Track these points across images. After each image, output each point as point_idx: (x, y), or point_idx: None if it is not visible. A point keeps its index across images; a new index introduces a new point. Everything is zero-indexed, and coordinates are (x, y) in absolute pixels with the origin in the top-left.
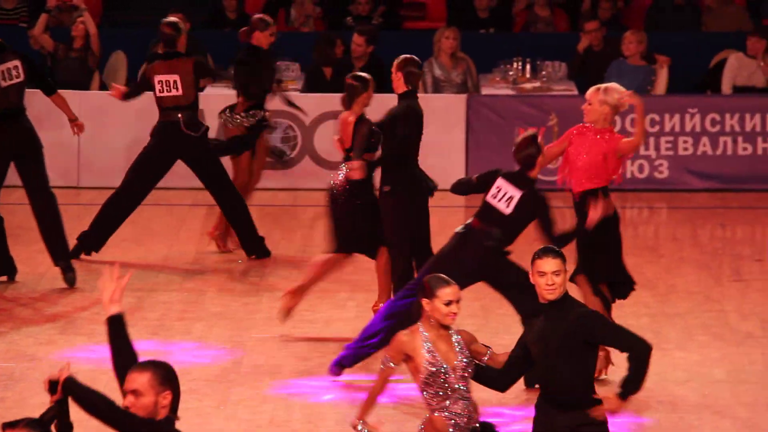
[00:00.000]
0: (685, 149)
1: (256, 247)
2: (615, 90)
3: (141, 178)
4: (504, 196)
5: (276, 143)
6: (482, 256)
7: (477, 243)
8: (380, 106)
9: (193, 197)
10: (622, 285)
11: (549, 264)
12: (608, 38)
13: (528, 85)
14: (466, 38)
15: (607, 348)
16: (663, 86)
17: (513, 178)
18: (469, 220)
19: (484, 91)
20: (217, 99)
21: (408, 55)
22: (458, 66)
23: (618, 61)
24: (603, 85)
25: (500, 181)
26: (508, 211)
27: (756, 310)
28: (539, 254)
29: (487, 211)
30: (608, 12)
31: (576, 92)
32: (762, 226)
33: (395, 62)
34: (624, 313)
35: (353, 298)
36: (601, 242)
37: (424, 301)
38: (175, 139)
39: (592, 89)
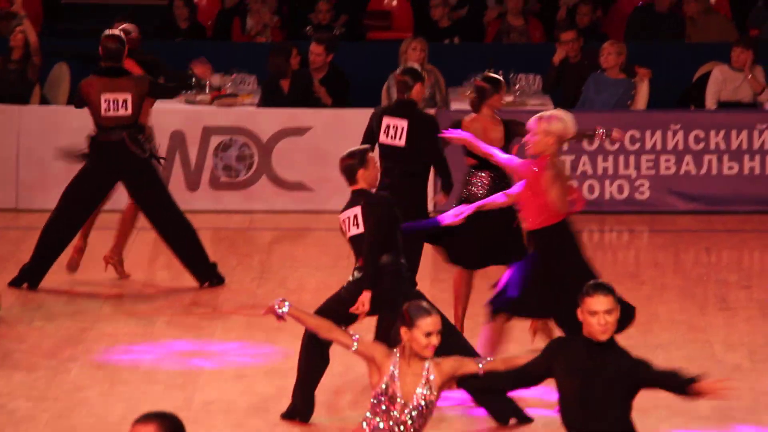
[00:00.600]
0: (668, 168)
1: (208, 274)
2: (559, 119)
3: (79, 202)
4: (353, 219)
5: (231, 162)
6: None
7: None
8: (340, 121)
9: (142, 221)
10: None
11: (601, 303)
12: (586, 49)
13: None
14: (434, 49)
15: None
16: (644, 101)
17: (351, 199)
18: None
19: (454, 105)
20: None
21: None
22: (426, 79)
23: (596, 74)
24: (546, 113)
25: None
26: (356, 231)
27: (744, 340)
28: (589, 292)
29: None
30: (586, 19)
31: (552, 106)
32: (749, 251)
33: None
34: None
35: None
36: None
37: (403, 330)
38: (118, 160)
39: (533, 118)
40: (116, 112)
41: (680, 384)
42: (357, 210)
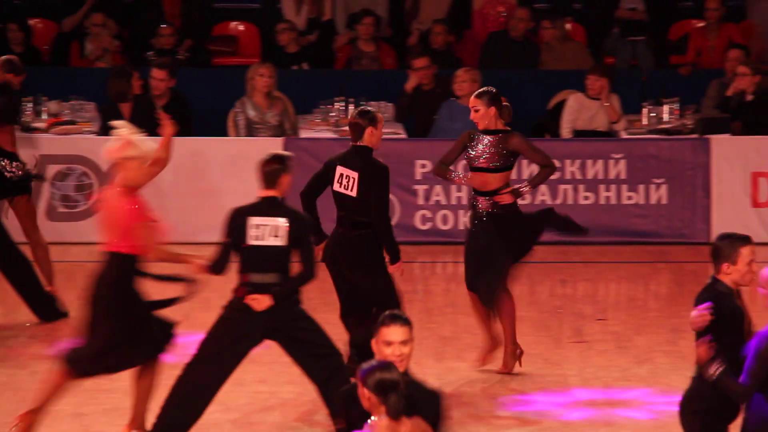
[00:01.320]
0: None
1: (46, 309)
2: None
3: None
4: (272, 231)
5: (69, 192)
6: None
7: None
8: (185, 149)
9: None
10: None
11: (397, 333)
12: (439, 76)
13: None
14: (282, 76)
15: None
16: None
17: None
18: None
19: (303, 133)
20: None
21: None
22: (274, 106)
23: (449, 102)
24: (125, 138)
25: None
26: (280, 243)
27: (598, 374)
28: (386, 322)
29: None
30: (440, 39)
31: (404, 135)
32: (605, 282)
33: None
34: (457, 378)
35: None
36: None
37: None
38: None
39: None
40: None
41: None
42: (281, 221)
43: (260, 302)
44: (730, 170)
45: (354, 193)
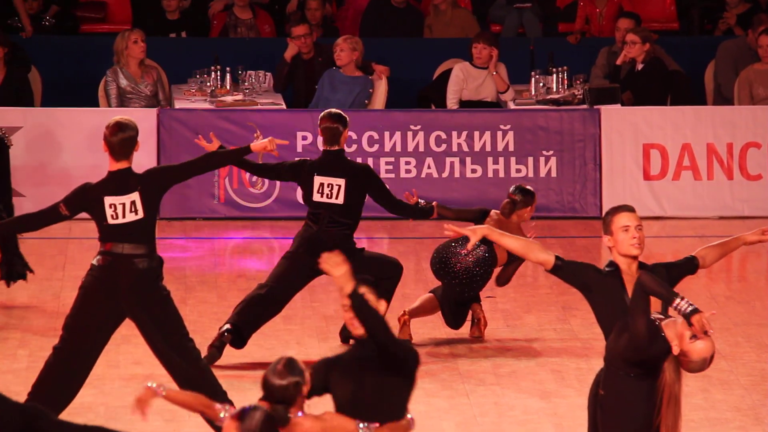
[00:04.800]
0: (408, 171)
1: None
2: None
3: None
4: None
5: None
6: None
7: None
8: (53, 121)
9: None
10: None
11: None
12: (320, 45)
13: (228, 98)
14: (155, 44)
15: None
16: (382, 100)
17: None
18: None
19: (178, 104)
20: None
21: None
22: (147, 75)
23: (330, 71)
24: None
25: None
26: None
27: (486, 352)
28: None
29: None
30: (318, 14)
31: (283, 106)
32: None
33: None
34: None
35: (25, 346)
36: None
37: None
38: None
39: None
40: None
41: None
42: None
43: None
44: (621, 142)
45: (341, 201)
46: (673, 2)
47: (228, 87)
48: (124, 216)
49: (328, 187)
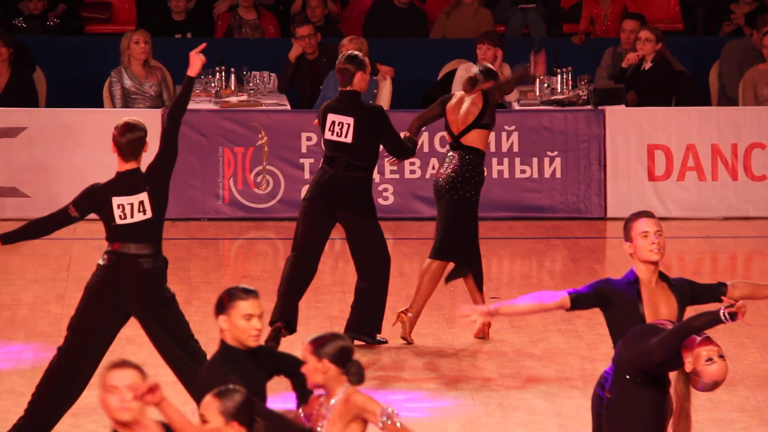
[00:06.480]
0: (413, 172)
1: None
2: None
3: None
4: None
5: None
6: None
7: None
8: (58, 122)
9: None
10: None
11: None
12: (325, 46)
13: (233, 99)
14: (160, 44)
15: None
16: (386, 100)
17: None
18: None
19: None
20: None
21: None
22: (151, 76)
23: (335, 72)
24: None
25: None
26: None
27: (491, 353)
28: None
29: None
30: (317, 11)
31: (288, 106)
32: (498, 259)
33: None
34: None
35: (30, 346)
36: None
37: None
38: None
39: None
40: None
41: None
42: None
43: None
44: (626, 143)
45: (349, 139)
46: (677, 3)
47: (233, 87)
48: (132, 216)
49: (338, 125)
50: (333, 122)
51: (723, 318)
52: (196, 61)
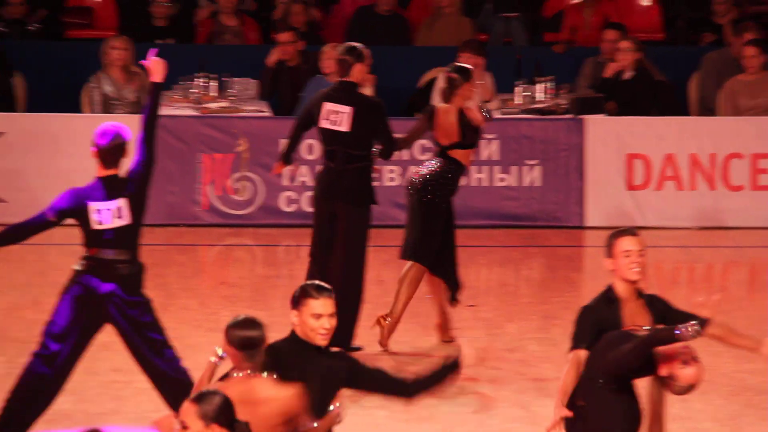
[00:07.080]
0: (392, 180)
1: None
2: None
3: None
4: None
5: None
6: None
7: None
8: (37, 126)
9: None
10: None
11: (327, 306)
12: (306, 52)
13: (213, 105)
14: (142, 50)
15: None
16: None
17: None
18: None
19: (163, 111)
20: None
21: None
22: (132, 82)
23: (316, 79)
24: None
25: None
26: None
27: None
28: (313, 294)
29: None
30: (300, 18)
31: (269, 113)
32: (476, 267)
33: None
34: None
35: (3, 352)
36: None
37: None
38: None
39: None
40: None
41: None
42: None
43: None
44: (605, 152)
45: (346, 128)
46: (658, 13)
47: (213, 94)
48: (110, 221)
49: (335, 113)
50: (329, 111)
51: (687, 335)
52: (155, 66)
